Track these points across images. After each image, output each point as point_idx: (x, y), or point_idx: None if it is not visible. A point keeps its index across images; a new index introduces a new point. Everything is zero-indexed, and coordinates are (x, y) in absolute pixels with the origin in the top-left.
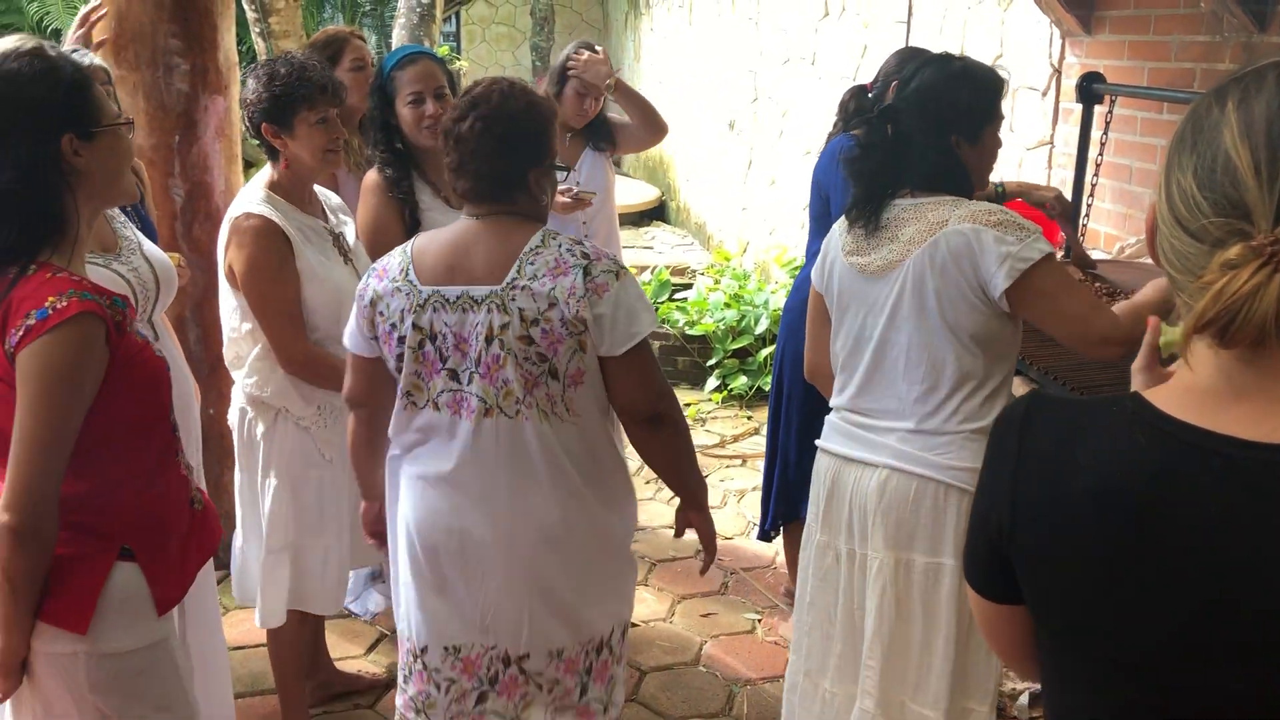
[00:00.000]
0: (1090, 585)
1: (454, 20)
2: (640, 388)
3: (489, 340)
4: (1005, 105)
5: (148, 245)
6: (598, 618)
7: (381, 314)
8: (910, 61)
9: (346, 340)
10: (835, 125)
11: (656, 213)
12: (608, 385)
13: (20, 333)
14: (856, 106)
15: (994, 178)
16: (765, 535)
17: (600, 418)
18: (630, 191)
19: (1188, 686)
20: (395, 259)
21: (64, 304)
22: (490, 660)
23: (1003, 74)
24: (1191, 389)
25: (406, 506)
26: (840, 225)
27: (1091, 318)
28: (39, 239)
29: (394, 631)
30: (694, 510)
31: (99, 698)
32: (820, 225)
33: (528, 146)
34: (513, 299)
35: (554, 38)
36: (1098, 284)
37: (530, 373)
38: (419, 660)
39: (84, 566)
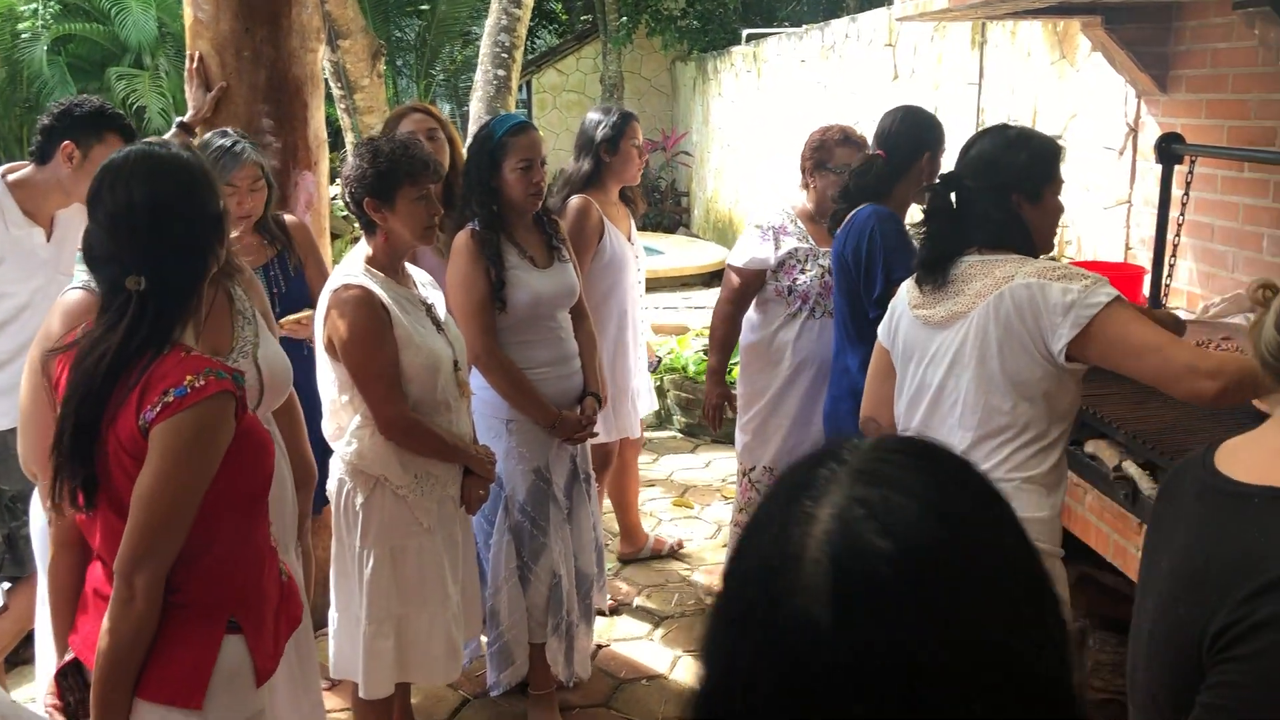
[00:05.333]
0: None
1: (525, 88)
2: None
3: None
4: (1082, 165)
5: (264, 349)
6: None
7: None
8: (904, 119)
9: None
10: (844, 188)
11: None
12: None
13: (157, 408)
14: (860, 184)
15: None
16: None
17: None
18: (700, 253)
19: None
20: None
21: (201, 383)
22: None
23: (1060, 143)
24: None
25: None
26: (908, 283)
27: (1171, 349)
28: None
29: (476, 696)
30: None
31: None
32: (849, 302)
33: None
34: None
35: (623, 104)
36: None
37: None
38: (745, 477)
39: (197, 641)
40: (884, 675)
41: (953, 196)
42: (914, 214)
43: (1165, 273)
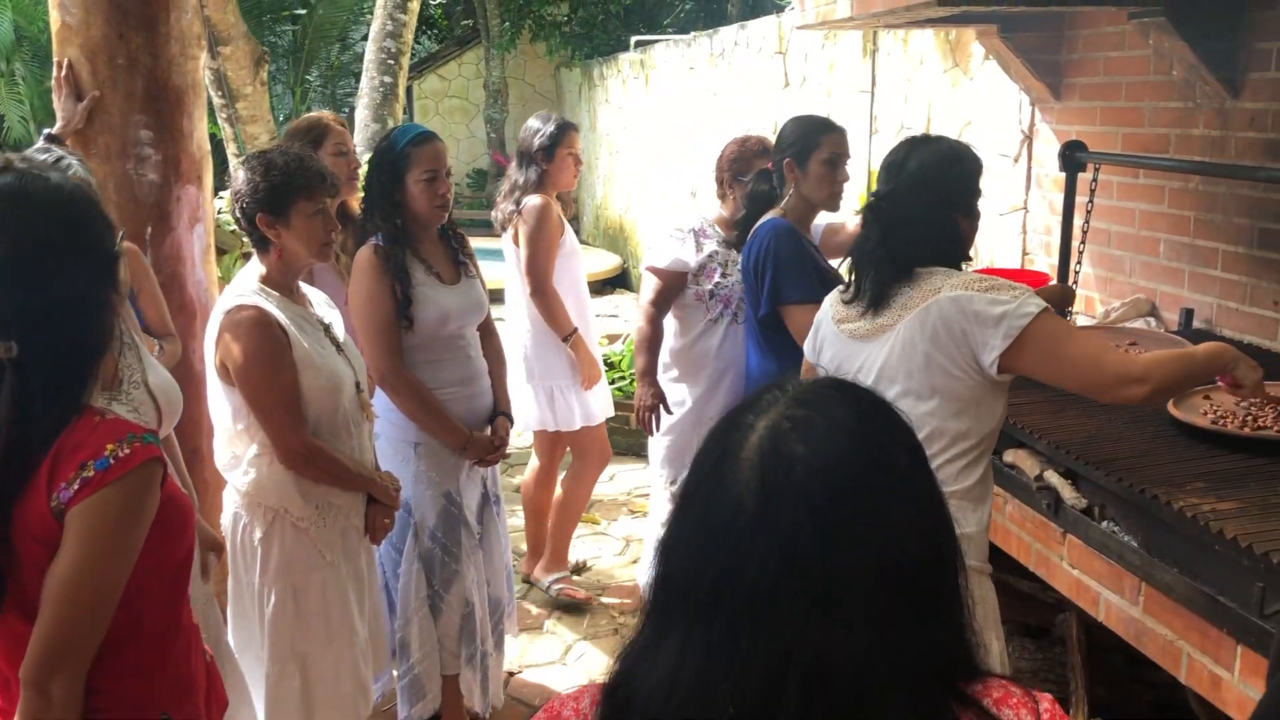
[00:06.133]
0: None
1: (406, 95)
2: None
3: None
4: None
5: (153, 375)
6: None
7: None
8: (792, 125)
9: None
10: (749, 193)
11: (618, 281)
12: None
13: (75, 485)
14: (755, 190)
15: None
16: None
17: None
18: (592, 260)
19: None
20: None
21: (126, 451)
22: None
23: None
24: None
25: None
26: (831, 298)
27: (1102, 357)
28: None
29: None
30: None
31: None
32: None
33: None
34: None
35: (508, 110)
36: None
37: None
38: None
39: None
40: (793, 556)
41: (882, 214)
42: (822, 219)
43: (1071, 279)
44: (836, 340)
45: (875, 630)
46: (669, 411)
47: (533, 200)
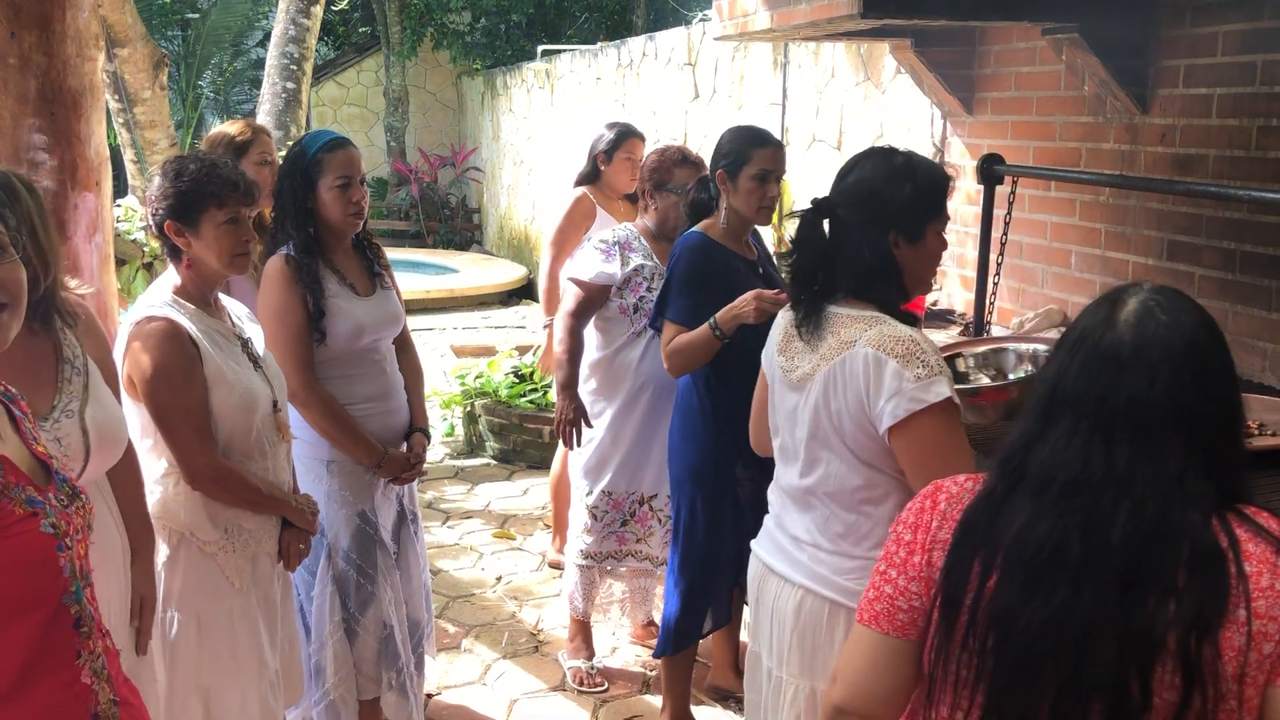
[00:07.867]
0: None
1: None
2: None
3: None
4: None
5: (94, 407)
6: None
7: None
8: (727, 135)
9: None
10: (683, 220)
11: (524, 292)
12: None
13: None
14: (694, 199)
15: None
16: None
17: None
18: (497, 271)
19: None
20: None
21: None
22: (631, 500)
23: (949, 172)
24: None
25: None
26: (783, 315)
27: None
28: None
29: None
30: None
31: None
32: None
33: None
34: None
35: (408, 118)
36: None
37: None
38: (591, 495)
39: None
40: (1153, 384)
41: (825, 226)
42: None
43: (990, 292)
44: (776, 374)
45: (1194, 447)
46: (589, 425)
47: (573, 192)
